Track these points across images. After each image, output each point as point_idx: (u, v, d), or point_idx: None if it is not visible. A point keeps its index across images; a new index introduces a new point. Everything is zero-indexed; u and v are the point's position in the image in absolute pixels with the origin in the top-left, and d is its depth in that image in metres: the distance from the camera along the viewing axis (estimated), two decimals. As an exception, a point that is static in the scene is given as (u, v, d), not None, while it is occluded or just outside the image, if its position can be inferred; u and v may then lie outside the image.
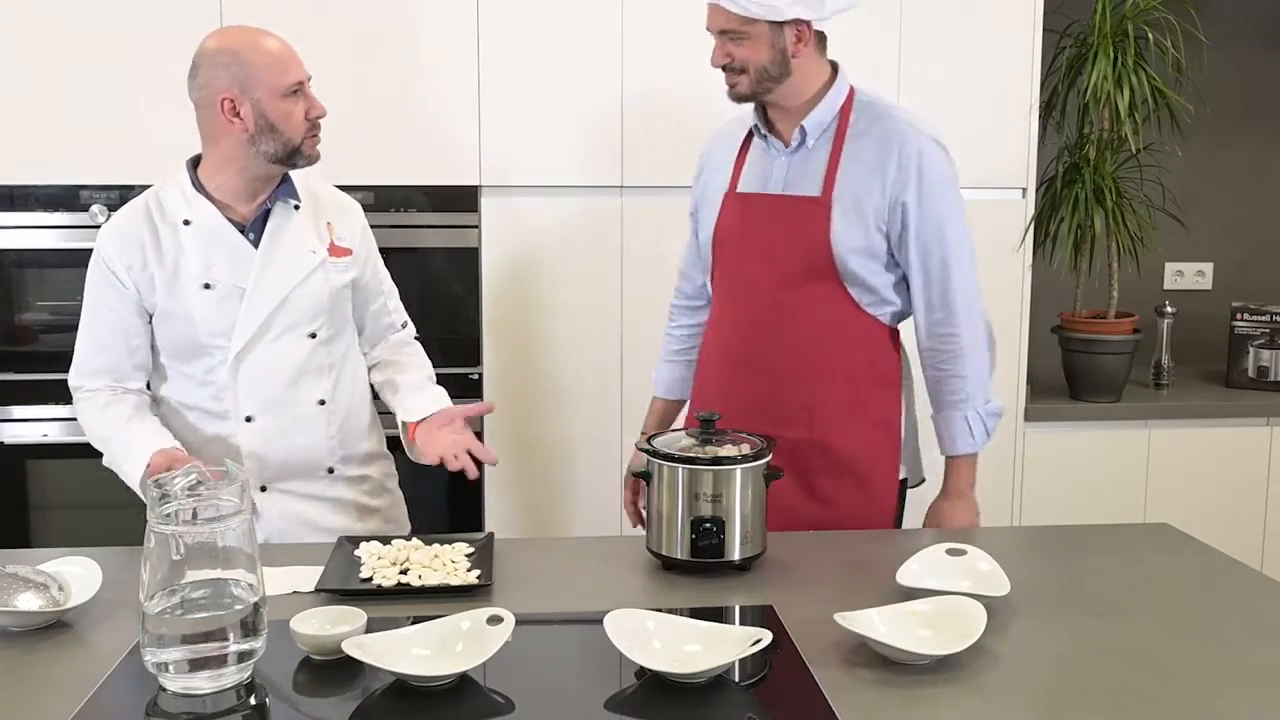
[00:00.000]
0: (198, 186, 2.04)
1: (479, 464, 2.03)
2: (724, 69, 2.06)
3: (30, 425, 2.89)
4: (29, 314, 2.90)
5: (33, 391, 2.89)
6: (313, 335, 2.08)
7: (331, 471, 2.13)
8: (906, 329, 2.17)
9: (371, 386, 2.25)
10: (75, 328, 2.88)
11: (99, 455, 2.09)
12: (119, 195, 2.84)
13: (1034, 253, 3.14)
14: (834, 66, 2.12)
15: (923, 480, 2.26)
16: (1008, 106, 3.04)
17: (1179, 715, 1.34)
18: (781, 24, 2.00)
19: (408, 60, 2.89)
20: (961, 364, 2.10)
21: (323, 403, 2.10)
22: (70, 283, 2.89)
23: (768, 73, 2.03)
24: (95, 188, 2.84)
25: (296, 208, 2.08)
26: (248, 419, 2.05)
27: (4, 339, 2.89)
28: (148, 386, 2.11)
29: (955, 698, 1.37)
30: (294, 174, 2.08)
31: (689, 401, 2.32)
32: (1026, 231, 3.09)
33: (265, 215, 2.05)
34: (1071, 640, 1.54)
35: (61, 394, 2.87)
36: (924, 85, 3.02)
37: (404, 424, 2.13)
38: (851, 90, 2.11)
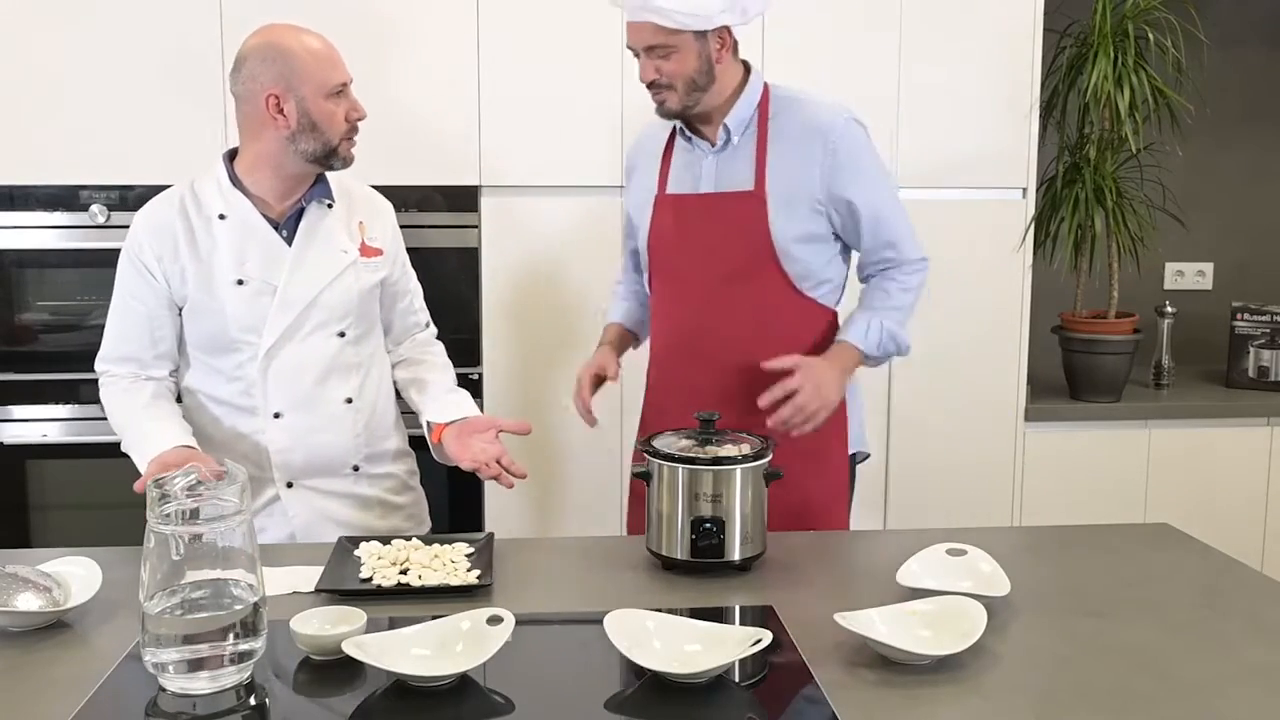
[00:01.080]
0: (234, 181, 2.05)
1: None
2: (651, 85, 2.09)
3: (30, 425, 2.89)
4: (29, 314, 2.90)
5: (33, 391, 2.89)
6: (341, 334, 2.09)
7: (357, 469, 2.14)
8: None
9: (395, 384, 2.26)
10: (75, 328, 2.90)
11: (99, 455, 2.10)
12: (119, 195, 2.84)
13: (1034, 253, 3.14)
14: (746, 65, 2.16)
15: (868, 455, 2.32)
16: (1008, 106, 3.04)
17: (1179, 715, 1.34)
18: (706, 33, 2.03)
19: (408, 60, 2.89)
20: (888, 279, 2.16)
21: (350, 401, 2.11)
22: (70, 283, 2.90)
23: (695, 83, 2.07)
24: (95, 188, 2.84)
25: (330, 206, 2.09)
26: (276, 415, 2.06)
27: (4, 339, 2.89)
28: (173, 374, 2.12)
29: (955, 698, 1.37)
30: (329, 172, 2.10)
31: (646, 391, 2.34)
32: (1026, 231, 3.09)
33: (299, 213, 2.06)
34: (1071, 640, 1.54)
35: (61, 394, 2.91)
36: (924, 85, 3.02)
37: (429, 424, 2.14)
38: (766, 86, 2.16)
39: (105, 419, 2.85)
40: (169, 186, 2.80)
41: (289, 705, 1.38)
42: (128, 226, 2.81)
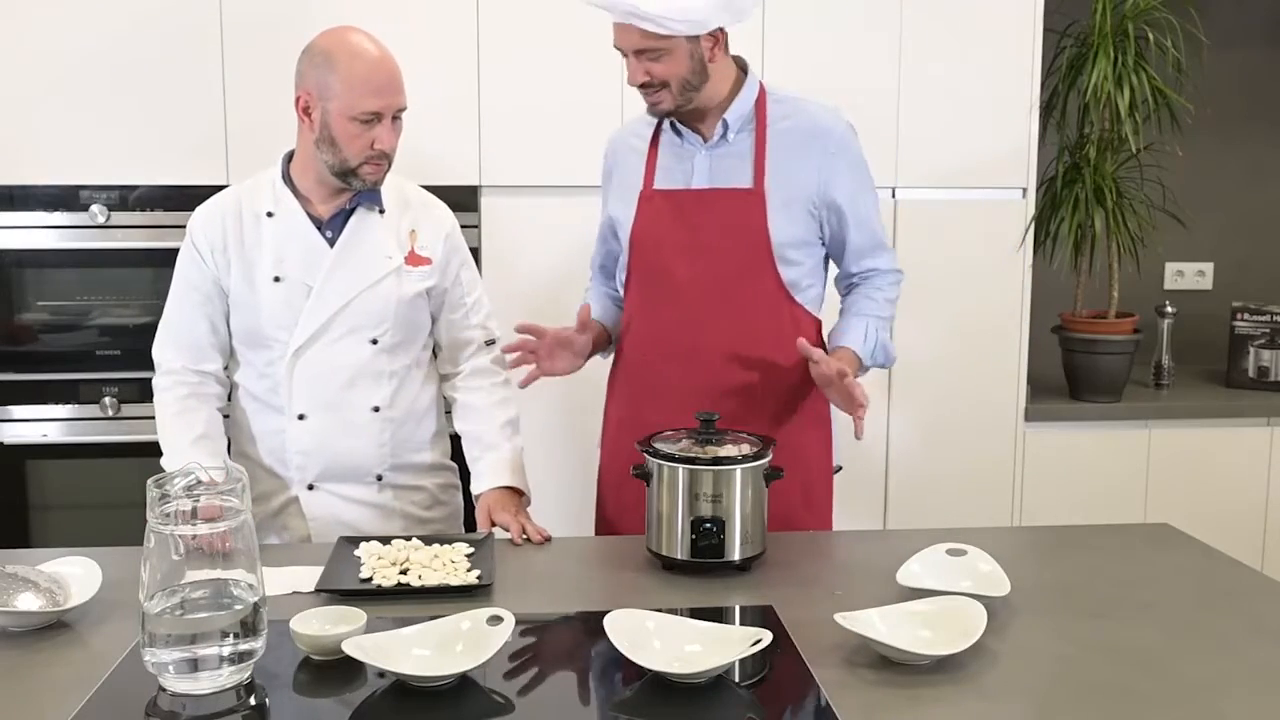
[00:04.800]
0: (286, 180, 2.07)
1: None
2: (643, 87, 2.03)
3: (30, 425, 2.89)
4: (29, 314, 2.90)
5: (33, 391, 2.89)
6: (374, 341, 2.07)
7: (380, 479, 2.12)
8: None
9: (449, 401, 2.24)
10: (75, 328, 2.90)
11: (99, 455, 2.10)
12: (119, 195, 2.84)
13: (1034, 253, 3.14)
14: (739, 62, 2.12)
15: (840, 468, 2.25)
16: (1008, 106, 3.04)
17: (1179, 715, 1.34)
18: (698, 35, 1.98)
19: (407, 60, 2.88)
20: (874, 288, 2.15)
21: (377, 409, 2.09)
22: (70, 283, 2.90)
23: (689, 83, 2.02)
24: (95, 188, 2.84)
25: (381, 213, 2.08)
26: (300, 416, 2.06)
27: (4, 339, 2.89)
28: (225, 369, 2.13)
29: (955, 698, 1.37)
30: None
31: (610, 403, 2.26)
32: (1026, 231, 3.09)
33: (347, 215, 2.06)
34: (1071, 640, 1.54)
35: (61, 394, 2.90)
36: (924, 85, 3.02)
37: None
38: (761, 85, 2.12)
39: (105, 419, 2.88)
40: (168, 186, 2.83)
41: (289, 705, 1.38)
42: (128, 226, 2.87)
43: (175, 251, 2.15)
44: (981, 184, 3.08)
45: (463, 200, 2.91)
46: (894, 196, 3.03)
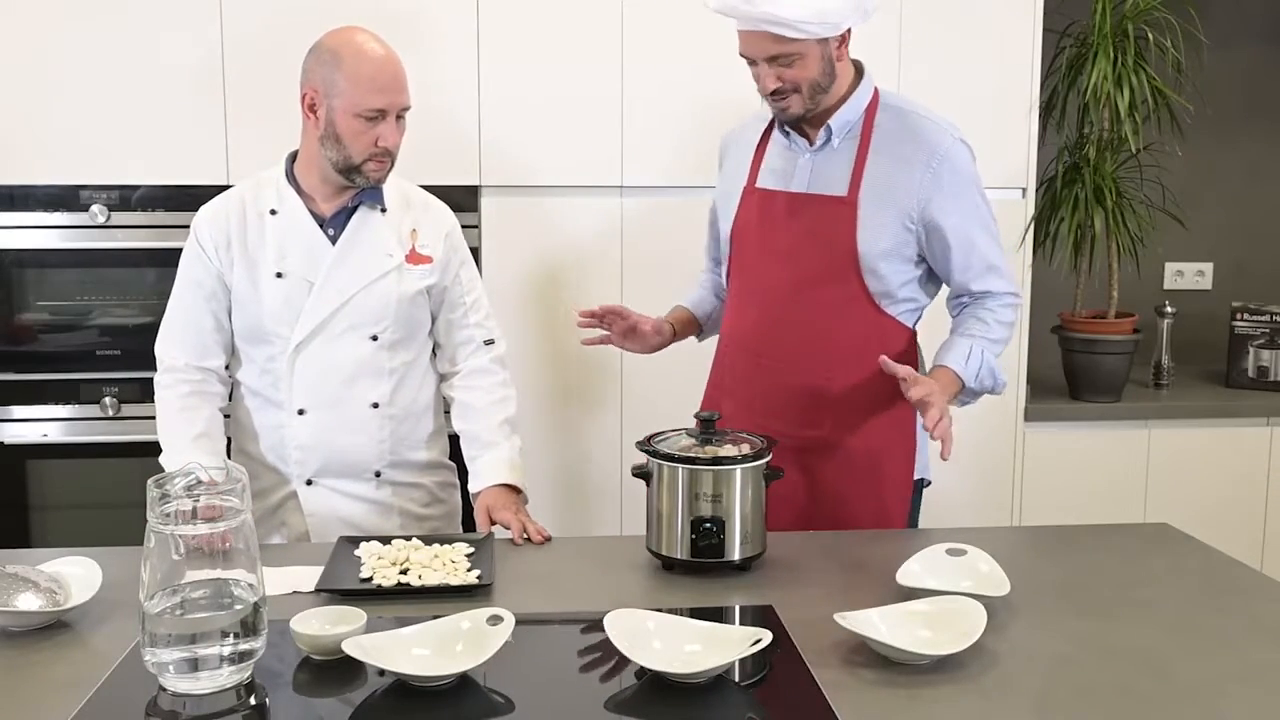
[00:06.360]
0: (290, 178, 2.08)
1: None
2: (774, 93, 2.01)
3: (30, 425, 2.89)
4: (29, 314, 2.90)
5: (33, 391, 2.89)
6: (374, 338, 2.09)
7: (379, 475, 2.13)
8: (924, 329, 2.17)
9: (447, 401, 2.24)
10: (75, 328, 2.90)
11: (99, 455, 2.10)
12: (119, 195, 2.84)
13: (1034, 253, 3.14)
14: (858, 66, 2.11)
15: (929, 482, 2.23)
16: (1008, 106, 3.04)
17: (1179, 715, 1.34)
18: (830, 37, 1.96)
19: (407, 60, 2.89)
20: (984, 309, 2.09)
21: (376, 406, 2.10)
22: (70, 283, 2.90)
23: (819, 85, 2.00)
24: (95, 188, 2.84)
25: (383, 211, 2.10)
26: (300, 412, 2.07)
27: (4, 339, 2.89)
28: (227, 367, 2.14)
29: (955, 698, 1.37)
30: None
31: (706, 390, 2.28)
32: (1026, 231, 3.09)
33: (350, 213, 2.08)
34: (1071, 640, 1.54)
35: (61, 394, 2.91)
36: (924, 85, 3.01)
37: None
38: (876, 91, 2.10)
39: (105, 419, 2.88)
40: (169, 186, 2.83)
41: (289, 705, 1.39)
42: (128, 226, 2.87)
43: (176, 251, 2.15)
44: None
45: (463, 200, 2.91)
46: (894, 196, 3.03)
